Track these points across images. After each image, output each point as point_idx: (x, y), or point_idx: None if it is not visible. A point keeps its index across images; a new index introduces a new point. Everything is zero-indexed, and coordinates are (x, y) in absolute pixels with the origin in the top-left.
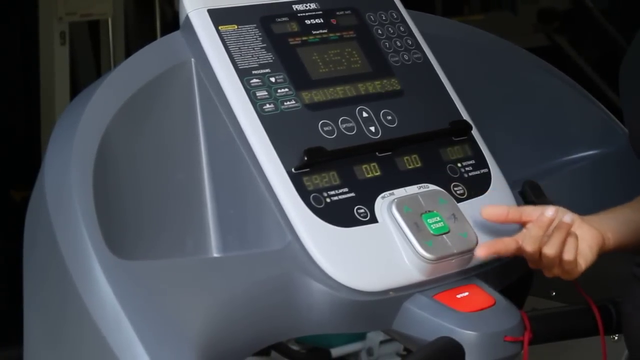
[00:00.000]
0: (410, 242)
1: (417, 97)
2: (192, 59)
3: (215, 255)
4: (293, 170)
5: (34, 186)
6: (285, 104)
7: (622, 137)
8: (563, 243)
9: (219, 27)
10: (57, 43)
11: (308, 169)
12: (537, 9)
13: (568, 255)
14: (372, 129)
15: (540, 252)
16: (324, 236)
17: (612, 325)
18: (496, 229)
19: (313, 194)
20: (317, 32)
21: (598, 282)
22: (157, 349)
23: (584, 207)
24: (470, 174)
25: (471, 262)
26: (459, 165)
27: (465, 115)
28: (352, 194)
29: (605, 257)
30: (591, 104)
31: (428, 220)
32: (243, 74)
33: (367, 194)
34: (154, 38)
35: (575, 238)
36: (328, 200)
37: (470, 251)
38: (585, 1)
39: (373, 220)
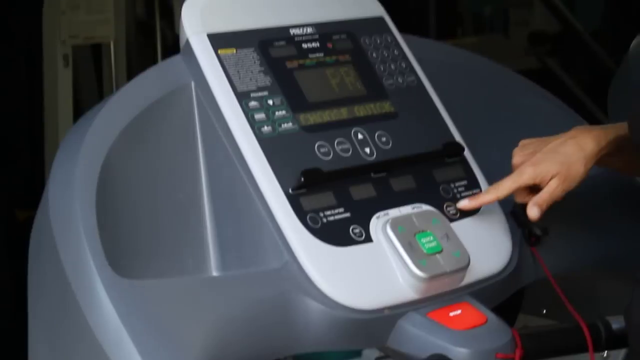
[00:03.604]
0: (405, 261)
1: (411, 120)
2: (192, 82)
3: (215, 274)
4: (290, 190)
5: (39, 206)
6: (282, 126)
7: None
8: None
9: (219, 51)
10: (60, 65)
11: (305, 190)
12: (529, 32)
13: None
14: (367, 150)
15: None
16: (320, 255)
17: (601, 343)
18: (487, 248)
19: (310, 214)
20: (314, 55)
21: (588, 300)
22: None
23: (574, 226)
24: (462, 194)
25: (463, 280)
26: (452, 185)
27: (457, 137)
28: (348, 214)
29: (594, 275)
30: (581, 125)
31: (422, 239)
32: (242, 97)
33: (363, 214)
34: (155, 61)
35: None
36: (324, 220)
37: (463, 270)
38: (575, 24)
39: (368, 239)
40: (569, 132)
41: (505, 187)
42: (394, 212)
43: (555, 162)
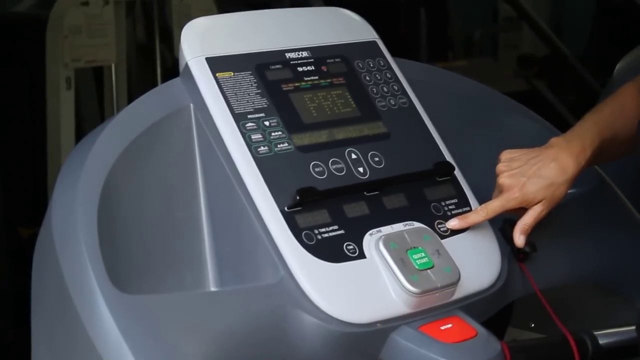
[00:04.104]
0: (397, 277)
1: (403, 140)
2: (191, 104)
3: (213, 289)
4: (286, 209)
5: (42, 224)
6: (278, 146)
7: (596, 178)
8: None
9: (217, 74)
10: (63, 88)
11: (300, 208)
12: (517, 55)
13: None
14: (361, 169)
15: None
16: (315, 271)
17: (588, 356)
18: (477, 264)
19: (305, 231)
20: (309, 78)
21: (575, 314)
22: None
23: (562, 242)
24: (453, 212)
25: (454, 295)
26: (443, 204)
27: (448, 157)
28: (342, 231)
29: (581, 290)
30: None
31: (413, 256)
32: (239, 118)
33: (356, 231)
34: (155, 84)
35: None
36: (319, 237)
37: (453, 285)
38: (562, 48)
39: (361, 256)
40: (549, 148)
41: (494, 209)
42: (387, 229)
43: (541, 188)
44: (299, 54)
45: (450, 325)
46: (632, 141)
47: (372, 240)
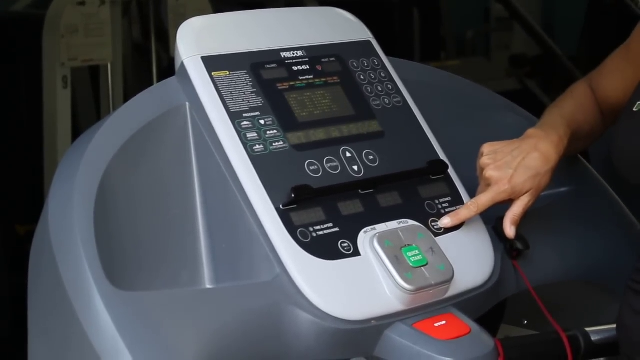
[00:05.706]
0: (391, 274)
1: (397, 138)
2: (187, 103)
3: (208, 286)
4: (281, 206)
5: (39, 221)
6: (274, 144)
7: (587, 175)
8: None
9: (212, 73)
10: (59, 87)
11: (295, 206)
12: (509, 54)
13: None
14: (355, 168)
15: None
16: (310, 268)
17: (580, 352)
18: (471, 261)
19: (300, 229)
20: (304, 77)
21: (567, 311)
22: None
23: (554, 239)
24: (447, 210)
25: (448, 292)
26: (436, 202)
27: (442, 155)
28: (337, 229)
29: (574, 287)
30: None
31: (407, 253)
32: (234, 117)
33: (351, 228)
34: (151, 83)
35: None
36: (314, 234)
37: (447, 282)
38: (554, 48)
39: (356, 253)
40: (528, 138)
41: (484, 203)
42: (381, 227)
43: (529, 178)
44: (294, 53)
45: (444, 322)
46: (592, 136)
47: (366, 238)
